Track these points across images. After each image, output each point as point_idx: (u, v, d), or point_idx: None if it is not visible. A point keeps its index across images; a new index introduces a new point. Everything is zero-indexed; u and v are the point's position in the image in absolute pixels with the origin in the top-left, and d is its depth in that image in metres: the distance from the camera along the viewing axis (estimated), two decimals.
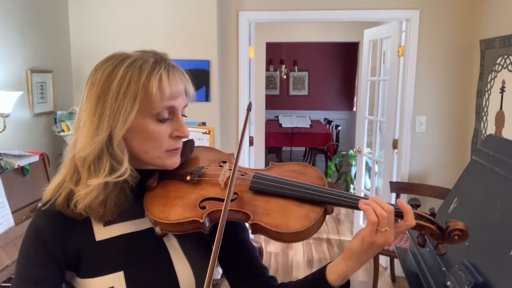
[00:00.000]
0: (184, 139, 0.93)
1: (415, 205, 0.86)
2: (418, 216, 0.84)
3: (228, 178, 0.90)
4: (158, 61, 0.86)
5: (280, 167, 0.99)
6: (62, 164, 0.89)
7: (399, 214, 0.82)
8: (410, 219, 0.81)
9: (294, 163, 1.00)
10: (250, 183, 0.90)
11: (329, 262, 0.89)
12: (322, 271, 0.88)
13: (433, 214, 0.84)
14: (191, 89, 0.90)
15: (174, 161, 0.91)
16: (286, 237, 0.83)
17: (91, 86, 0.85)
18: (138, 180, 0.89)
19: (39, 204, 0.90)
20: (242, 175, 0.93)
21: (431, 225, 0.83)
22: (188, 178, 0.92)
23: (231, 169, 0.93)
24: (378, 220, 0.78)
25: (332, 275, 0.85)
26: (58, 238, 0.85)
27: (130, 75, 0.82)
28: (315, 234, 0.85)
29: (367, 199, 0.83)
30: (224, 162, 0.99)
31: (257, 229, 0.84)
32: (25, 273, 0.84)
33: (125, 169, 0.84)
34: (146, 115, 0.84)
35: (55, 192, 0.87)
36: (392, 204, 0.82)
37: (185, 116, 0.91)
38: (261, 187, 0.89)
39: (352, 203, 0.85)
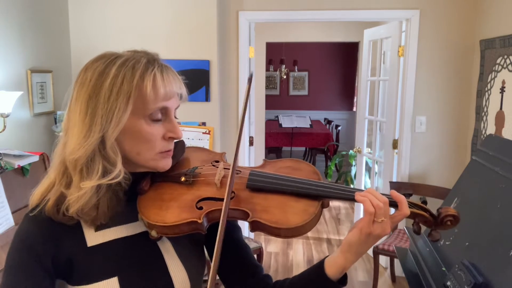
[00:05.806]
0: (177, 140, 0.91)
1: (407, 194, 0.89)
2: (411, 205, 0.86)
3: (224, 177, 0.90)
4: (151, 61, 0.83)
5: (274, 163, 0.99)
6: (49, 168, 0.86)
7: (393, 204, 0.84)
8: (405, 209, 0.83)
9: (287, 160, 1.00)
10: (246, 181, 0.89)
11: (326, 257, 0.89)
12: (320, 266, 0.88)
13: (424, 202, 0.87)
14: (183, 90, 0.89)
15: (166, 163, 0.88)
16: (286, 233, 0.83)
17: (81, 85, 0.82)
18: (130, 183, 0.86)
19: (27, 211, 0.85)
20: (238, 173, 0.92)
21: (424, 213, 0.85)
22: (183, 179, 0.90)
23: (226, 168, 0.92)
24: (375, 211, 0.80)
25: (331, 269, 0.86)
26: (49, 246, 0.81)
27: (123, 75, 0.80)
28: (313, 228, 0.86)
29: (362, 191, 0.84)
30: (217, 161, 0.98)
31: (256, 226, 0.83)
32: (13, 286, 0.80)
33: (119, 171, 0.81)
34: (139, 116, 0.82)
35: (43, 197, 0.84)
36: (386, 195, 0.83)
37: (176, 118, 0.89)
38: (259, 185, 0.88)
39: (348, 195, 0.86)
